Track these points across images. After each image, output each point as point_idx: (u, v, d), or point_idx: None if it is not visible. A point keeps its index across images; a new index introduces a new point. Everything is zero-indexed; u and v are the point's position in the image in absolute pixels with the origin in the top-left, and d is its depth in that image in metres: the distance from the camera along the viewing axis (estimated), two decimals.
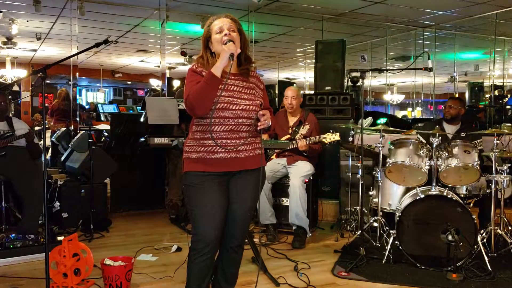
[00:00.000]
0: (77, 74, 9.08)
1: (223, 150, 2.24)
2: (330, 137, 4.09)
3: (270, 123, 2.28)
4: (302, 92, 4.77)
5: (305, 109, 4.69)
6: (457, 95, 10.41)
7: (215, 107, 2.20)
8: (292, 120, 4.59)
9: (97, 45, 2.58)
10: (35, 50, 10.55)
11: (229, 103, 2.23)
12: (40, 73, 2.45)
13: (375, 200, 4.13)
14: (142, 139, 5.01)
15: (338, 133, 4.10)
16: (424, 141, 4.03)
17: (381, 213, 4.07)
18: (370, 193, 4.20)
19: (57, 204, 4.72)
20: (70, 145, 5.38)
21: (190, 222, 2.33)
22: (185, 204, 2.37)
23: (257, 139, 2.37)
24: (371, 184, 4.37)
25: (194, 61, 2.36)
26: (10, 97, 4.74)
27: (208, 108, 2.19)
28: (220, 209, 2.26)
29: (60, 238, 3.61)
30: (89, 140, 4.88)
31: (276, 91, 9.56)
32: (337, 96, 5.48)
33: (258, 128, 2.27)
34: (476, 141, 3.95)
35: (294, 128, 4.53)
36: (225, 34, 2.25)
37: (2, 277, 3.32)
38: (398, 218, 3.62)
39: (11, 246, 3.66)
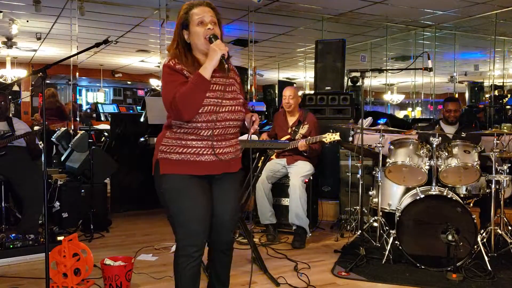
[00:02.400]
0: (77, 74, 9.08)
1: (209, 153, 2.13)
2: (330, 137, 4.08)
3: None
4: (301, 92, 4.76)
5: (304, 109, 4.69)
6: (457, 95, 10.43)
7: (202, 111, 2.07)
8: (291, 120, 4.60)
9: (97, 45, 2.57)
10: (35, 50, 10.55)
11: (215, 105, 2.11)
12: (40, 73, 2.45)
13: (375, 200, 4.13)
14: (142, 139, 5.02)
15: (338, 133, 4.09)
16: (416, 139, 4.02)
17: (381, 213, 4.07)
18: (370, 193, 4.19)
19: (57, 204, 4.72)
20: (70, 145, 5.39)
21: (174, 228, 2.17)
22: (166, 208, 2.17)
23: (237, 141, 2.28)
24: (371, 184, 4.37)
25: (168, 54, 2.12)
26: (10, 97, 4.73)
27: (196, 113, 2.05)
28: (207, 211, 2.17)
29: (60, 238, 3.61)
30: (89, 140, 4.88)
31: (276, 91, 9.57)
32: (337, 96, 5.48)
33: (251, 134, 2.20)
34: (478, 145, 3.93)
35: (293, 128, 4.53)
36: (208, 29, 2.09)
37: (2, 277, 3.32)
38: (398, 218, 3.62)
39: (11, 246, 3.65)
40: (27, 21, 7.81)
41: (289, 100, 4.51)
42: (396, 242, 3.61)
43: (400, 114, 16.94)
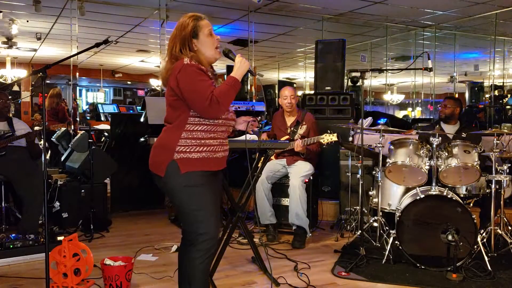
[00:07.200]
0: (77, 74, 9.08)
1: (221, 150, 2.33)
2: (328, 138, 3.99)
3: None
4: (301, 92, 4.77)
5: (302, 109, 4.68)
6: (457, 95, 10.42)
7: None
8: (289, 121, 4.59)
9: (97, 45, 2.58)
10: (35, 50, 10.55)
11: None
12: (40, 73, 2.46)
13: (375, 200, 4.13)
14: (142, 139, 5.01)
15: (336, 134, 4.03)
16: (416, 139, 4.01)
17: (381, 213, 4.07)
18: (370, 193, 4.19)
19: (57, 204, 4.72)
20: (70, 145, 5.39)
21: (194, 223, 2.23)
22: (184, 206, 2.25)
23: None
24: (371, 184, 4.37)
25: (185, 56, 2.23)
26: (10, 97, 4.74)
27: (227, 110, 2.30)
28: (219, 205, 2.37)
29: (60, 238, 3.60)
30: (89, 140, 4.88)
31: (276, 91, 9.57)
32: (337, 96, 5.48)
33: (255, 129, 2.46)
34: (479, 145, 3.93)
35: (292, 128, 4.52)
36: (217, 39, 2.33)
37: (2, 277, 3.32)
38: (398, 218, 3.62)
39: (11, 246, 3.65)
40: (27, 21, 7.81)
41: (291, 100, 4.49)
42: (396, 242, 3.61)
43: (400, 114, 16.94)
